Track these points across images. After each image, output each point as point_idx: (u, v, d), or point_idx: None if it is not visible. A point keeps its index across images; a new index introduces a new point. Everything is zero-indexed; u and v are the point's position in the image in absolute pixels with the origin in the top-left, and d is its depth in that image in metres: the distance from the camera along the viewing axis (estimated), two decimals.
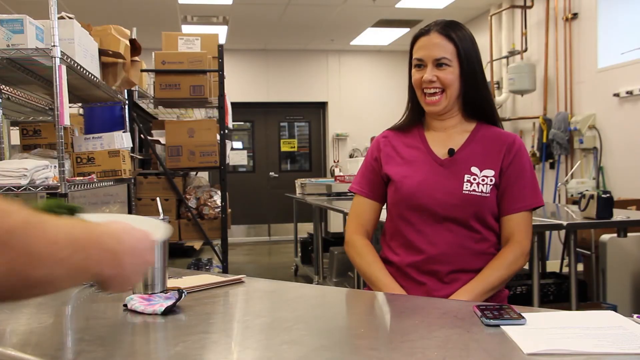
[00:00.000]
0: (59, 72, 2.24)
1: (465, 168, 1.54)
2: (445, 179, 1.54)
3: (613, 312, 1.16)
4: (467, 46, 1.53)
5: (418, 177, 1.56)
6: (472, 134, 1.59)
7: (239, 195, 8.82)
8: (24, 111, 3.46)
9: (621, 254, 3.63)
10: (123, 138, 2.99)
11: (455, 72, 1.53)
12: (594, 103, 5.24)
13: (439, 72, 1.52)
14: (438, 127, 1.62)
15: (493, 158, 1.55)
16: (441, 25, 1.55)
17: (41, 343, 1.11)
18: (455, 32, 1.54)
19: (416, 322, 1.16)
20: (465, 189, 1.51)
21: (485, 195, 1.51)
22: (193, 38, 4.38)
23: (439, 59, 1.52)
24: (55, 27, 2.25)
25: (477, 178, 1.52)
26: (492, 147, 1.57)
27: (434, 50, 1.53)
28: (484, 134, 1.59)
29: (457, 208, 1.51)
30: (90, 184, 2.63)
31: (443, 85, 1.53)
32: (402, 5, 6.71)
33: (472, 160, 1.55)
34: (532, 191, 1.56)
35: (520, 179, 1.55)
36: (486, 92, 1.59)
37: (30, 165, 2.28)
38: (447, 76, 1.52)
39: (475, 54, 1.55)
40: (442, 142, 1.59)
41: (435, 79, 1.53)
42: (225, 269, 4.29)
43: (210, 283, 1.51)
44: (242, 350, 1.04)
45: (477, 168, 1.53)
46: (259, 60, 9.21)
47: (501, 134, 1.59)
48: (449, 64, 1.52)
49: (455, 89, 1.54)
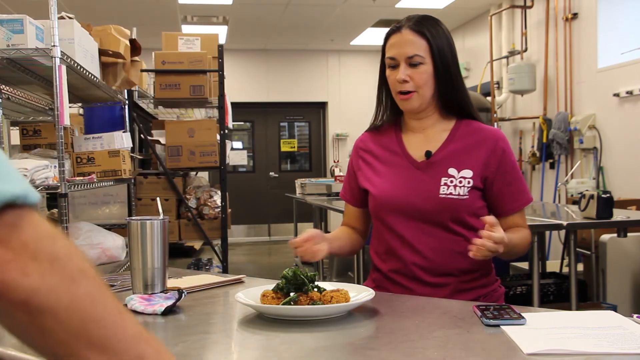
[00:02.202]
0: (59, 72, 2.24)
1: (443, 170, 1.49)
2: (421, 183, 1.50)
3: (613, 312, 1.16)
4: (441, 42, 1.48)
5: (394, 182, 1.53)
6: (452, 132, 1.54)
7: (239, 195, 8.83)
8: (24, 111, 3.46)
9: (621, 254, 3.63)
10: (123, 138, 2.99)
11: (429, 70, 1.47)
12: (594, 103, 5.24)
13: (412, 71, 1.47)
14: (416, 127, 1.57)
15: (472, 157, 1.50)
16: (413, 21, 1.49)
17: None
18: (428, 27, 1.48)
19: (416, 322, 1.16)
20: (442, 192, 1.47)
21: (462, 197, 1.47)
22: (193, 38, 4.38)
23: (411, 56, 1.46)
24: (55, 27, 2.25)
25: (455, 180, 1.48)
26: (472, 145, 1.52)
27: (406, 47, 1.47)
28: (464, 131, 1.54)
29: (434, 212, 1.47)
30: (90, 184, 2.63)
31: (416, 86, 1.47)
32: (402, 5, 6.71)
33: (449, 162, 1.50)
34: (524, 189, 1.55)
35: (514, 179, 1.52)
36: (462, 88, 1.53)
37: (30, 165, 2.28)
38: (420, 75, 1.47)
39: (449, 49, 1.49)
40: (419, 144, 1.55)
41: (409, 79, 1.47)
42: (225, 269, 4.29)
43: (210, 283, 1.51)
44: (242, 350, 1.04)
45: (455, 169, 1.49)
46: (259, 60, 9.21)
47: (482, 130, 1.54)
48: (422, 61, 1.46)
49: (429, 88, 1.48)
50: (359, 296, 1.23)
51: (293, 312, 1.16)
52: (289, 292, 1.20)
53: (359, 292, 1.26)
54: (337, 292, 1.19)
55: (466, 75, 7.60)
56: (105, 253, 2.80)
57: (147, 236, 1.36)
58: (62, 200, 2.31)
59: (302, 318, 1.16)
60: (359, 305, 1.20)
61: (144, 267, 1.36)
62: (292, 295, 1.19)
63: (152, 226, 1.36)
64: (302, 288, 1.20)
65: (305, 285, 1.20)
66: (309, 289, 1.20)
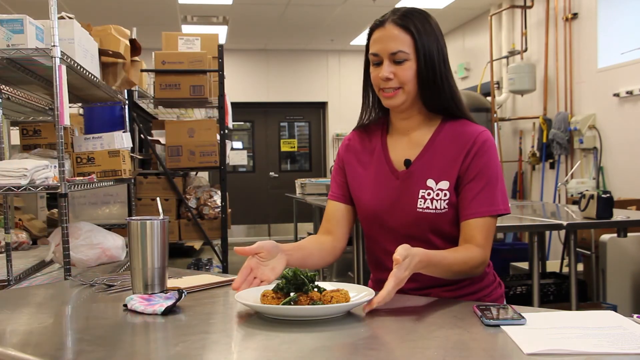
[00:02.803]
0: (59, 72, 2.24)
1: (421, 182, 1.42)
2: (400, 195, 1.43)
3: (613, 312, 1.16)
4: (428, 38, 1.39)
5: (376, 194, 1.46)
6: (433, 136, 1.45)
7: (239, 195, 8.83)
8: (24, 111, 3.46)
9: (621, 254, 3.63)
10: (123, 138, 2.99)
11: (413, 66, 1.38)
12: (594, 103, 5.24)
13: (396, 68, 1.38)
14: (401, 128, 1.49)
15: (450, 166, 1.41)
16: (398, 15, 1.41)
17: (41, 343, 1.11)
18: (414, 21, 1.39)
19: (416, 322, 1.16)
20: (420, 206, 1.40)
21: (440, 211, 1.40)
22: (193, 38, 4.38)
23: (394, 52, 1.38)
24: (55, 27, 2.25)
25: (432, 193, 1.40)
26: (450, 152, 1.42)
27: (389, 43, 1.38)
28: (446, 134, 1.44)
29: (413, 226, 1.42)
30: (90, 184, 2.63)
31: (401, 82, 1.39)
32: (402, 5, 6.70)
33: (428, 172, 1.42)
34: (493, 197, 1.39)
35: (481, 182, 1.39)
36: (450, 87, 1.42)
37: (30, 165, 2.28)
38: (404, 72, 1.38)
39: (437, 46, 1.40)
40: (402, 149, 1.48)
41: (392, 76, 1.39)
42: (225, 269, 4.29)
43: (210, 283, 1.51)
44: (242, 350, 1.04)
45: (433, 180, 1.41)
46: (259, 60, 9.21)
47: (464, 133, 1.43)
48: (407, 57, 1.38)
49: (414, 85, 1.40)
50: (358, 296, 1.23)
51: (292, 312, 1.16)
52: (289, 292, 1.20)
53: (359, 292, 1.26)
54: (337, 292, 1.19)
55: (466, 75, 7.60)
56: (105, 253, 2.80)
57: (147, 236, 1.36)
58: (62, 200, 2.31)
59: (301, 318, 1.16)
60: (359, 305, 1.20)
61: (144, 267, 1.36)
62: (292, 295, 1.19)
63: (152, 226, 1.36)
64: (302, 288, 1.20)
65: (305, 285, 1.20)
66: (309, 289, 1.20)
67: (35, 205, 3.75)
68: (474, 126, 1.45)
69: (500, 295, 1.56)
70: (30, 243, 3.39)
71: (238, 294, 1.24)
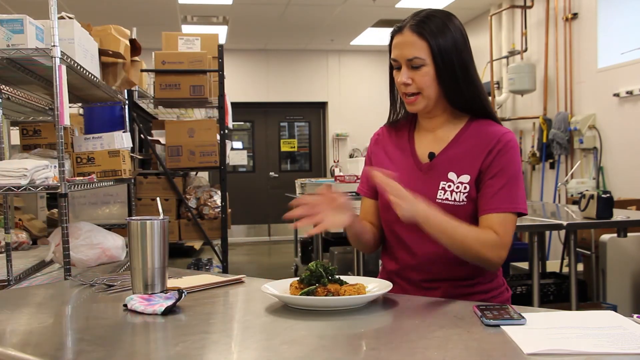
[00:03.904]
0: (59, 72, 2.24)
1: (443, 174, 1.46)
2: (421, 186, 1.46)
3: (613, 312, 1.16)
4: (445, 42, 1.42)
5: (397, 181, 1.48)
6: (459, 133, 1.49)
7: (239, 195, 8.83)
8: (24, 111, 3.46)
9: (621, 254, 3.63)
10: (123, 138, 2.99)
11: (431, 71, 1.42)
12: (594, 103, 5.24)
13: (414, 73, 1.43)
14: (427, 126, 1.53)
15: (472, 161, 1.45)
16: (416, 21, 1.43)
17: (41, 343, 1.11)
18: (431, 27, 1.42)
19: (416, 322, 1.16)
20: (439, 197, 1.43)
21: (459, 204, 1.42)
22: (193, 38, 4.38)
23: (411, 59, 1.42)
24: (55, 27, 2.24)
25: (453, 185, 1.44)
26: (474, 148, 1.46)
27: (405, 49, 1.43)
28: (472, 132, 1.48)
29: None
30: (90, 184, 2.63)
31: (419, 88, 1.44)
32: (402, 5, 6.71)
33: (450, 165, 1.46)
34: (514, 196, 1.42)
35: (498, 178, 1.42)
36: (473, 88, 1.46)
37: (30, 165, 2.28)
38: (422, 78, 1.42)
39: (455, 48, 1.44)
40: (428, 144, 1.52)
41: (410, 81, 1.44)
42: (225, 269, 4.30)
43: (210, 283, 1.51)
44: (242, 350, 1.04)
45: (455, 174, 1.45)
46: (259, 60, 9.21)
47: (489, 132, 1.47)
48: (423, 63, 1.41)
49: (433, 90, 1.44)
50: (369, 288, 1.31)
51: (295, 301, 1.25)
52: (310, 283, 1.28)
53: (379, 286, 1.32)
54: (351, 286, 1.27)
55: None
56: (105, 253, 2.80)
57: (147, 236, 1.36)
58: (62, 200, 2.31)
59: (304, 307, 1.24)
60: (363, 301, 1.25)
61: (144, 267, 1.36)
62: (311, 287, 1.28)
63: (152, 226, 1.36)
64: (320, 280, 1.28)
65: (323, 278, 1.27)
66: (326, 282, 1.27)
67: (35, 205, 3.75)
68: (500, 127, 1.49)
69: (507, 300, 1.56)
70: (30, 243, 3.39)
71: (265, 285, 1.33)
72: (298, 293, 1.27)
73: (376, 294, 1.27)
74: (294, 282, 1.32)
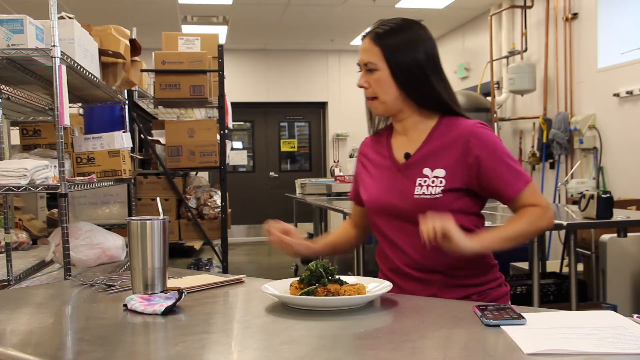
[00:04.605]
0: (59, 72, 2.24)
1: (418, 171, 1.52)
2: (400, 184, 1.53)
3: (613, 312, 1.16)
4: (397, 47, 1.49)
5: (379, 186, 1.58)
6: (431, 132, 1.55)
7: (239, 195, 8.83)
8: (24, 111, 3.46)
9: (621, 254, 3.63)
10: (123, 138, 2.99)
11: (384, 75, 1.50)
12: (594, 103, 5.24)
13: (369, 77, 1.52)
14: (400, 129, 1.61)
15: (445, 156, 1.50)
16: (372, 28, 1.54)
17: (41, 343, 1.11)
18: (387, 32, 1.50)
19: (416, 322, 1.17)
20: (416, 192, 1.49)
21: (435, 196, 1.47)
22: (193, 38, 4.38)
23: (366, 63, 1.52)
24: (55, 27, 2.24)
25: (428, 180, 1.49)
26: (447, 144, 1.51)
27: (363, 55, 1.53)
28: (443, 129, 1.53)
29: (411, 212, 1.49)
30: (90, 184, 2.63)
31: (374, 92, 1.52)
32: (402, 5, 6.71)
33: (425, 162, 1.52)
34: (517, 172, 1.49)
35: (501, 167, 1.47)
36: (433, 89, 1.51)
37: (30, 165, 2.28)
38: (375, 82, 1.51)
39: (410, 52, 1.49)
40: (403, 146, 1.58)
41: (367, 85, 1.53)
42: (225, 269, 4.30)
43: (210, 283, 1.51)
44: (242, 350, 1.04)
45: (429, 169, 1.50)
46: (259, 60, 9.21)
47: (459, 126, 1.52)
48: (376, 67, 1.50)
49: (389, 93, 1.51)
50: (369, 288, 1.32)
51: (295, 301, 1.25)
52: (310, 284, 1.29)
53: (379, 286, 1.33)
54: (351, 286, 1.28)
55: (466, 75, 7.61)
56: (105, 253, 2.80)
57: (147, 236, 1.36)
58: (62, 200, 2.31)
59: (304, 307, 1.24)
60: (363, 301, 1.25)
61: (144, 267, 1.36)
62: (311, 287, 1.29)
63: (152, 226, 1.37)
64: (320, 280, 1.29)
65: (323, 278, 1.29)
66: (326, 282, 1.28)
67: (35, 205, 3.75)
68: (465, 122, 1.54)
69: (506, 294, 1.59)
70: (30, 243, 3.39)
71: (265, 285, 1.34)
72: (298, 293, 1.27)
73: (376, 294, 1.27)
74: (294, 282, 1.33)
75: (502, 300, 1.56)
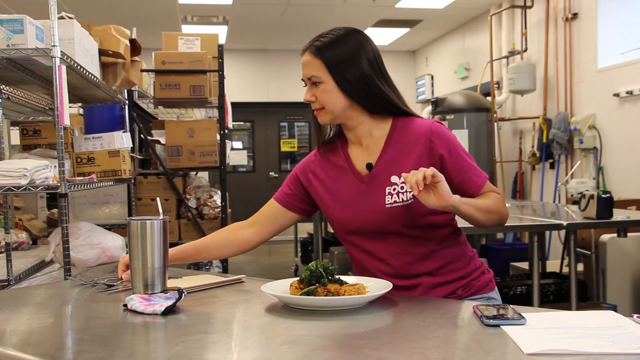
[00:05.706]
0: (59, 72, 2.24)
1: (385, 180, 1.50)
2: (368, 197, 1.51)
3: (613, 312, 1.16)
4: (338, 56, 1.48)
5: (345, 202, 1.55)
6: (388, 137, 1.54)
7: (239, 195, 8.82)
8: (24, 111, 3.45)
9: (621, 254, 3.63)
10: (123, 138, 2.99)
11: (329, 86, 1.48)
12: (594, 103, 5.24)
13: (315, 90, 1.50)
14: (353, 139, 1.58)
15: (408, 159, 1.49)
16: (312, 41, 1.52)
17: (41, 343, 1.11)
18: (323, 45, 1.49)
19: (416, 322, 1.17)
20: (387, 202, 1.48)
21: (407, 202, 1.47)
22: (193, 38, 4.38)
23: (310, 77, 1.50)
24: (55, 27, 2.24)
25: (397, 187, 1.48)
26: (407, 145, 1.51)
27: (305, 69, 1.51)
28: (400, 132, 1.53)
29: (386, 222, 1.48)
30: (90, 184, 2.62)
31: (321, 103, 1.50)
32: (402, 5, 6.71)
33: (390, 170, 1.50)
34: (475, 169, 1.52)
35: (458, 163, 1.49)
36: (380, 93, 1.51)
37: (30, 165, 2.28)
38: (321, 94, 1.49)
39: (352, 60, 1.48)
40: (362, 156, 1.56)
41: (314, 98, 1.51)
42: (225, 269, 4.30)
43: (210, 283, 1.52)
44: (242, 350, 1.04)
45: (396, 176, 1.49)
46: (259, 60, 9.21)
47: (416, 127, 1.52)
48: (320, 80, 1.49)
49: (336, 103, 1.49)
50: (369, 288, 1.31)
51: (295, 301, 1.25)
52: (310, 284, 1.29)
53: (380, 286, 1.33)
54: (351, 286, 1.28)
55: (466, 75, 7.61)
56: (105, 253, 2.80)
57: (147, 236, 1.36)
58: (62, 200, 2.31)
59: (304, 307, 1.25)
60: (363, 301, 1.25)
61: (144, 267, 1.36)
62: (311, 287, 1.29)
63: (152, 226, 1.37)
64: (320, 280, 1.29)
65: (323, 278, 1.28)
66: (326, 282, 1.28)
67: (35, 205, 3.75)
68: (423, 119, 1.55)
69: (489, 280, 1.58)
70: (30, 243, 3.38)
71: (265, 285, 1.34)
72: (298, 293, 1.27)
73: (376, 294, 1.27)
74: (294, 282, 1.33)
75: (487, 289, 1.56)
